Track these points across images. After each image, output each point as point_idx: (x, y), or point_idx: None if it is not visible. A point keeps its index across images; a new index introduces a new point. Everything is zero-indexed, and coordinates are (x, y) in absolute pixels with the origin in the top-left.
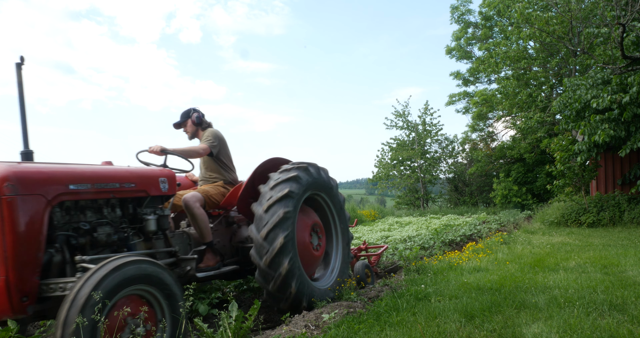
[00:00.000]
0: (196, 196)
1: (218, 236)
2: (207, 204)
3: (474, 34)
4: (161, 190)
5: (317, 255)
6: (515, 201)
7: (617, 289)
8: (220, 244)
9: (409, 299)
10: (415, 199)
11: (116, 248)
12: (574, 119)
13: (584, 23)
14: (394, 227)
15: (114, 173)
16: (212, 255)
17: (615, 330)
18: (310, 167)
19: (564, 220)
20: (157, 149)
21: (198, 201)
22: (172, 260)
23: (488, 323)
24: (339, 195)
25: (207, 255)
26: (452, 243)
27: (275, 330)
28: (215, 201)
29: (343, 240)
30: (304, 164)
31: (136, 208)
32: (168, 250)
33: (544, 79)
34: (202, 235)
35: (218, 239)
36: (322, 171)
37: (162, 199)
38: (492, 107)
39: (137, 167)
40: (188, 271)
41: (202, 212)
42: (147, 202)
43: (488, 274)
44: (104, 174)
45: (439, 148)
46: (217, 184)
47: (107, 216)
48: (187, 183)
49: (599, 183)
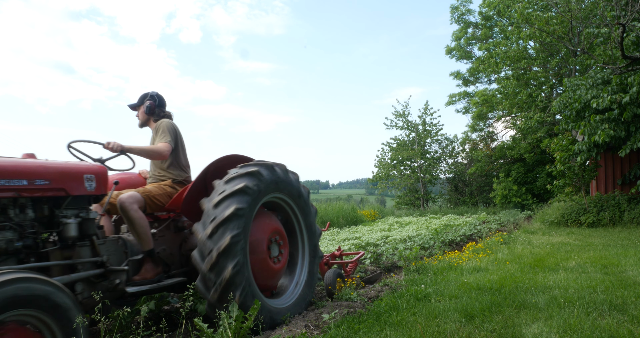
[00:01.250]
0: (134, 197)
1: (164, 243)
2: (149, 206)
3: (474, 34)
4: (86, 189)
5: (276, 268)
6: (515, 201)
7: (617, 289)
8: (166, 252)
9: (409, 299)
10: (415, 199)
11: (23, 258)
12: (574, 119)
13: (584, 23)
14: (394, 227)
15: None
16: (151, 265)
17: (615, 330)
18: (277, 167)
19: (564, 220)
20: (115, 147)
21: (136, 202)
22: (99, 272)
23: (488, 323)
24: (309, 206)
25: (145, 265)
26: (452, 243)
27: (275, 330)
28: (159, 203)
29: (310, 256)
30: (269, 162)
31: (53, 210)
32: (94, 259)
33: (544, 79)
34: (141, 242)
35: (164, 246)
36: (290, 175)
37: (89, 199)
38: (492, 107)
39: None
40: (117, 285)
41: (141, 215)
42: (67, 203)
43: (488, 274)
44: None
45: (439, 148)
46: (164, 183)
47: (13, 218)
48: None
49: (599, 183)
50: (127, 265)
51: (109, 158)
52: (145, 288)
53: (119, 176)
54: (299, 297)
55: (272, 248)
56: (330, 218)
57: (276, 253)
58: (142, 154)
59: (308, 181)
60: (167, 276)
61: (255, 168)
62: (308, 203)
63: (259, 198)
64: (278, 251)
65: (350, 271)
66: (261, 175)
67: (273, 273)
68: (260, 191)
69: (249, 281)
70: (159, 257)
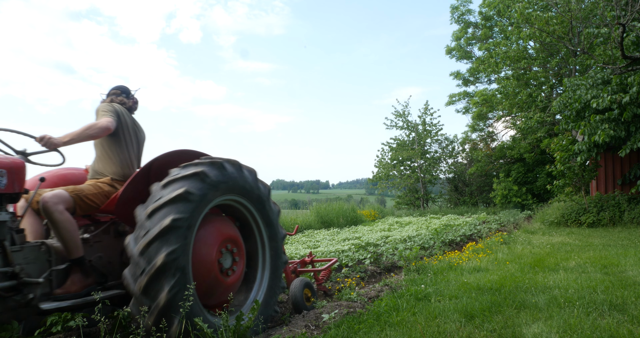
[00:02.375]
0: (59, 196)
1: (101, 250)
2: (79, 207)
3: (474, 34)
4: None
5: (229, 282)
6: (515, 201)
7: (617, 289)
8: (103, 260)
9: (409, 299)
10: (415, 199)
11: None
12: (574, 119)
13: (584, 23)
14: (394, 227)
15: None
16: (80, 276)
17: (615, 330)
18: (228, 164)
19: (564, 220)
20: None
21: (62, 202)
22: (10, 284)
23: (488, 323)
24: (270, 205)
25: (72, 276)
26: (452, 243)
27: (275, 330)
28: (93, 204)
29: (272, 264)
30: (218, 159)
31: None
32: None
33: (544, 79)
34: (67, 249)
35: (100, 254)
36: (245, 172)
37: None
38: (492, 107)
39: None
40: (30, 300)
41: (67, 218)
42: None
43: (488, 274)
44: None
45: (439, 148)
46: (102, 181)
47: None
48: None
49: (599, 183)
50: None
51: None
52: (65, 304)
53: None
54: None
55: (224, 259)
56: (330, 218)
57: (229, 264)
58: (84, 137)
59: (308, 181)
60: (103, 288)
61: (199, 168)
62: (269, 203)
63: (204, 204)
64: (231, 262)
65: (322, 279)
66: (207, 176)
67: (225, 287)
68: (205, 196)
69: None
70: (92, 266)
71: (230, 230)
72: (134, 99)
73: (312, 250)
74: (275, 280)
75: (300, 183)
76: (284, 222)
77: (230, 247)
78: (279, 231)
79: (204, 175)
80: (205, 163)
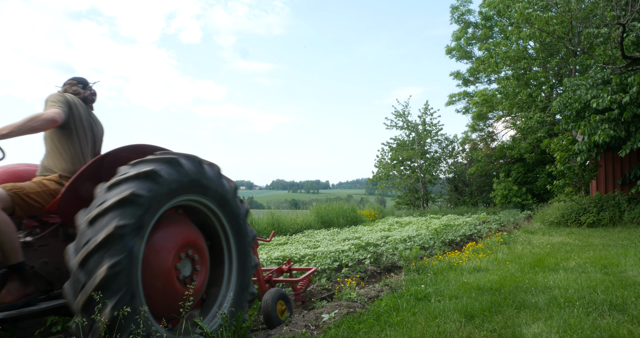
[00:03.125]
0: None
1: (47, 255)
2: (19, 207)
3: (474, 34)
4: None
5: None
6: (515, 201)
7: (617, 289)
8: (49, 267)
9: (409, 299)
10: (415, 199)
11: None
12: (574, 119)
13: (584, 23)
14: (394, 227)
15: None
16: (17, 284)
17: (615, 330)
18: (185, 160)
19: (564, 220)
20: None
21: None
22: None
23: (488, 323)
24: (237, 204)
25: (7, 284)
26: (452, 243)
27: (276, 330)
28: (35, 204)
29: (239, 270)
30: (173, 155)
31: None
32: None
33: (544, 79)
34: (3, 254)
35: (45, 259)
36: (207, 168)
37: None
38: (492, 107)
39: None
40: None
41: (3, 218)
42: None
43: (488, 274)
44: None
45: (439, 148)
46: (49, 178)
47: None
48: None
49: (599, 183)
50: None
51: None
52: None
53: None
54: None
55: (183, 267)
56: (330, 218)
57: (188, 272)
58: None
59: (308, 181)
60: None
61: (149, 167)
62: (235, 202)
63: (156, 207)
64: (191, 270)
65: (301, 289)
66: (159, 176)
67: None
68: (157, 198)
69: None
70: (34, 273)
71: (191, 233)
72: (91, 91)
73: (312, 250)
74: (242, 293)
75: (300, 183)
76: (284, 222)
77: (192, 253)
78: (248, 233)
79: (156, 174)
80: (158, 160)
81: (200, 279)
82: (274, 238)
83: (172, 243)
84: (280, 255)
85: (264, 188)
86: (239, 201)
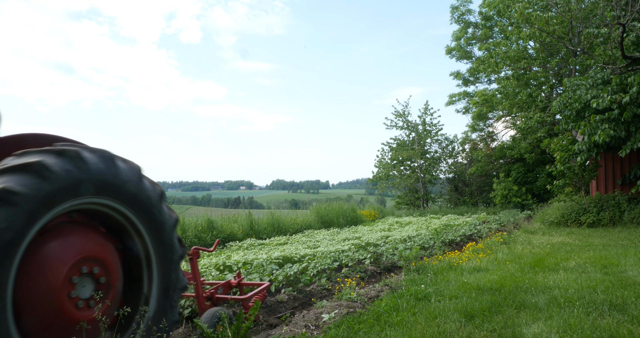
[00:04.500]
0: None
1: None
2: None
3: (474, 34)
4: None
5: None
6: (515, 201)
7: (617, 289)
8: None
9: (409, 299)
10: (415, 199)
11: None
12: (574, 119)
13: (584, 23)
14: (394, 227)
15: None
16: None
17: (615, 330)
18: (90, 154)
19: (564, 220)
20: None
21: None
22: None
23: (488, 323)
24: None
25: None
26: (452, 243)
27: (275, 329)
28: None
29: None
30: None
31: None
32: None
33: (544, 79)
34: None
35: None
36: (121, 166)
37: None
38: (492, 107)
39: None
40: None
41: None
42: None
43: (488, 274)
44: None
45: (439, 148)
46: None
47: None
48: None
49: (599, 183)
50: None
51: None
52: None
53: None
54: None
55: (81, 286)
56: (330, 218)
57: (88, 292)
58: None
59: (308, 181)
60: None
61: (35, 158)
62: (159, 210)
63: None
64: (93, 289)
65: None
66: (47, 169)
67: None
68: (42, 197)
69: None
70: None
71: (95, 244)
72: None
73: (312, 250)
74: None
75: (300, 183)
76: (284, 222)
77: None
78: (175, 248)
79: (43, 167)
80: (50, 151)
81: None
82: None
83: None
84: (280, 255)
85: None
86: (167, 209)
